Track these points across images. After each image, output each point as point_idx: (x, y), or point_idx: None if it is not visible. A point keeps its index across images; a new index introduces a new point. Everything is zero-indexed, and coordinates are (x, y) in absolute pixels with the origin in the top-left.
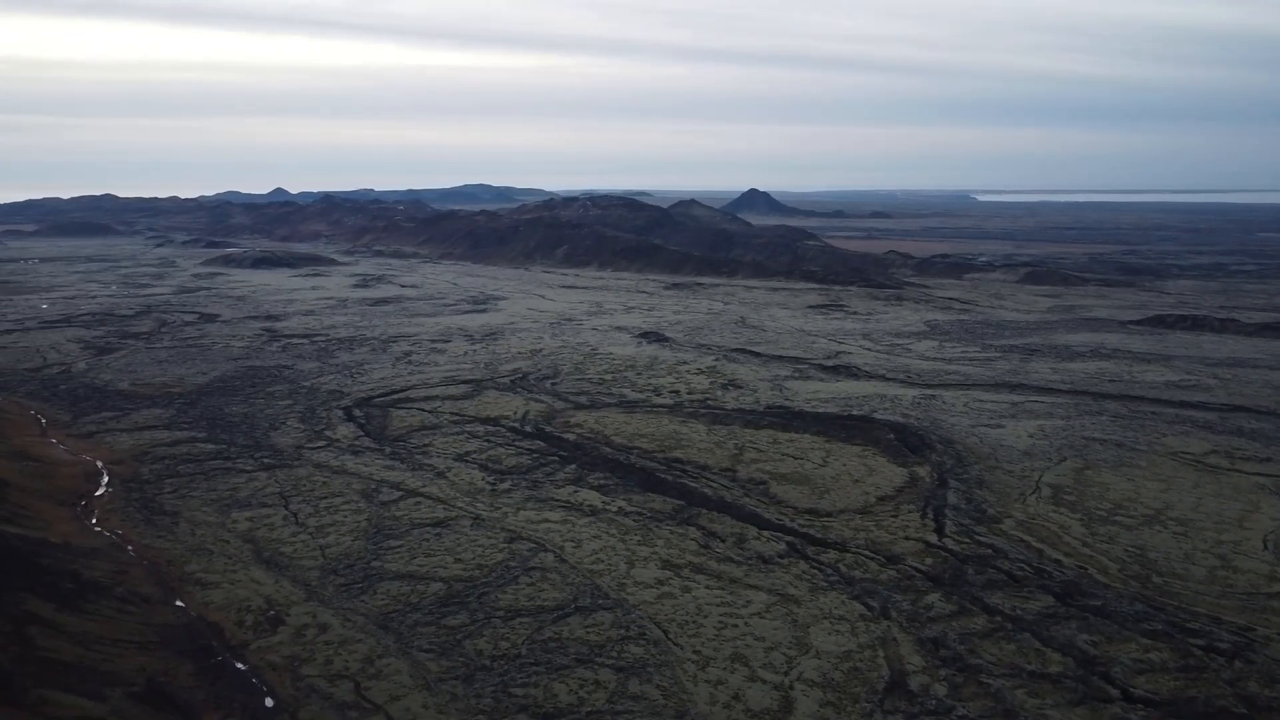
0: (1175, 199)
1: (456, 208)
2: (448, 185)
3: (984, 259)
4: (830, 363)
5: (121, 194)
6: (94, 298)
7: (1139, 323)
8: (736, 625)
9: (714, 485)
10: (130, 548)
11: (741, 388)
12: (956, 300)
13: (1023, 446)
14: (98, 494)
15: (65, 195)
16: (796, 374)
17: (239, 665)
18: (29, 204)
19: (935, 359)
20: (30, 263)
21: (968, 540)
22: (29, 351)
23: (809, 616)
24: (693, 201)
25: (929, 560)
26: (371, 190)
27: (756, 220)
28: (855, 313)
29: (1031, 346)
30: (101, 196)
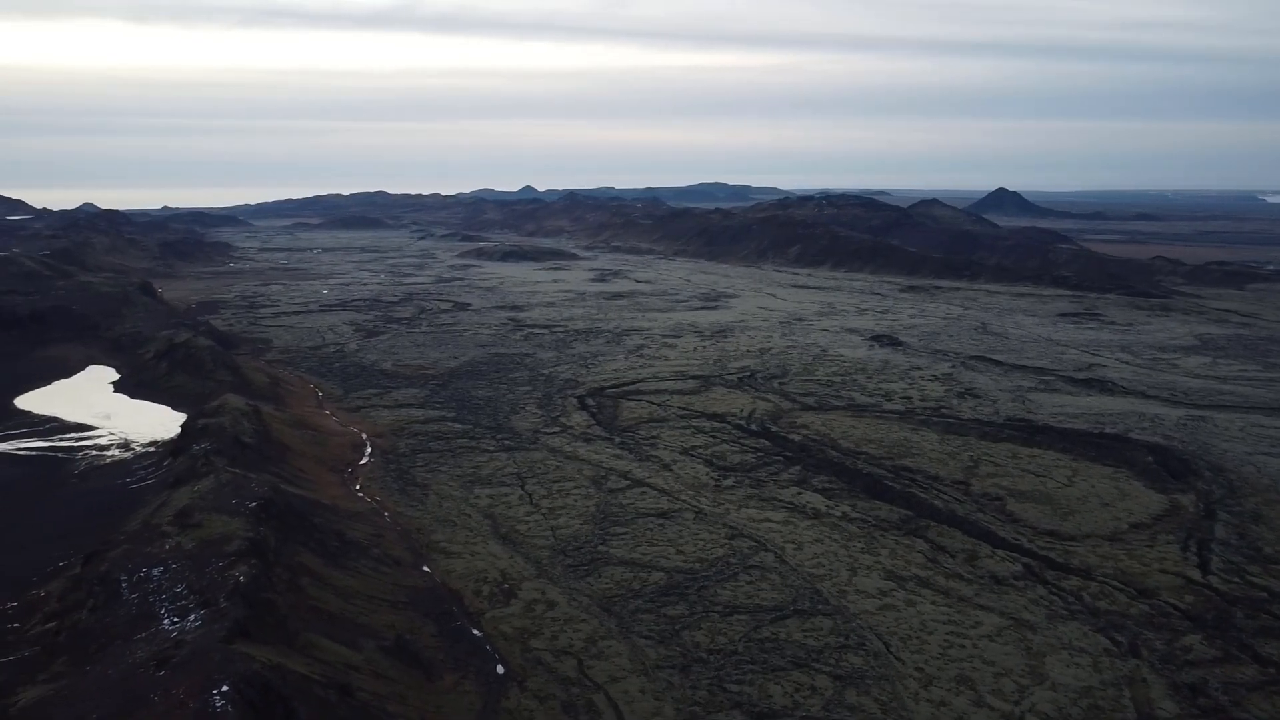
0: None
1: (692, 206)
2: (684, 183)
3: (1271, 267)
4: (1081, 375)
5: (392, 191)
6: (365, 285)
7: None
8: (964, 645)
9: (945, 497)
10: (386, 514)
11: (979, 397)
12: (1235, 313)
13: None
14: (361, 463)
15: (345, 192)
16: (1042, 385)
17: (475, 632)
18: (315, 199)
19: (1206, 377)
20: (314, 252)
21: (1238, 580)
22: (310, 331)
23: (1045, 645)
24: (934, 201)
25: (1189, 598)
26: (611, 188)
27: (1004, 221)
28: (1113, 323)
29: None
30: (375, 193)
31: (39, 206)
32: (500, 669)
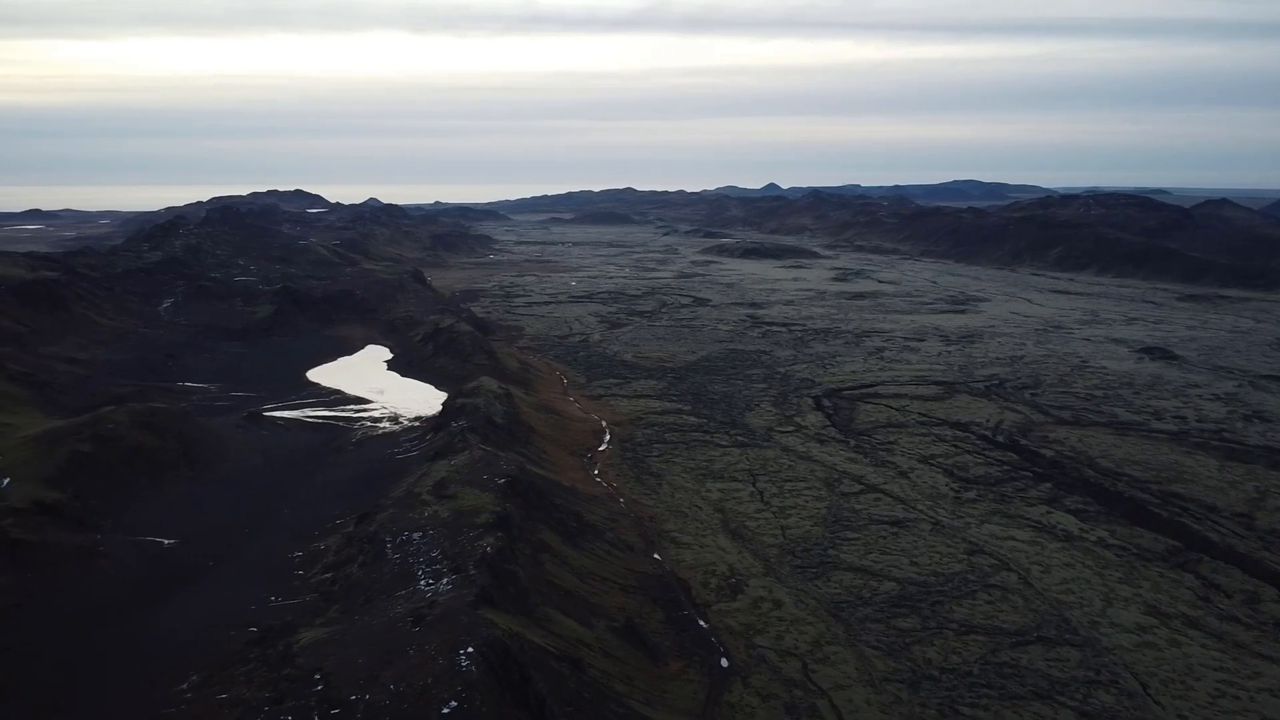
0: None
1: (941, 205)
2: (934, 181)
3: None
4: None
5: (639, 188)
6: (611, 278)
7: None
8: (1238, 697)
9: (1222, 530)
10: (622, 500)
11: (1271, 421)
12: None
13: None
14: (600, 449)
15: (596, 188)
16: None
17: (701, 623)
18: (569, 195)
19: None
20: (565, 246)
21: None
22: (559, 321)
23: None
24: (1223, 201)
25: None
26: (857, 186)
27: None
28: None
29: None
30: (623, 190)
31: (333, 200)
32: (725, 662)
